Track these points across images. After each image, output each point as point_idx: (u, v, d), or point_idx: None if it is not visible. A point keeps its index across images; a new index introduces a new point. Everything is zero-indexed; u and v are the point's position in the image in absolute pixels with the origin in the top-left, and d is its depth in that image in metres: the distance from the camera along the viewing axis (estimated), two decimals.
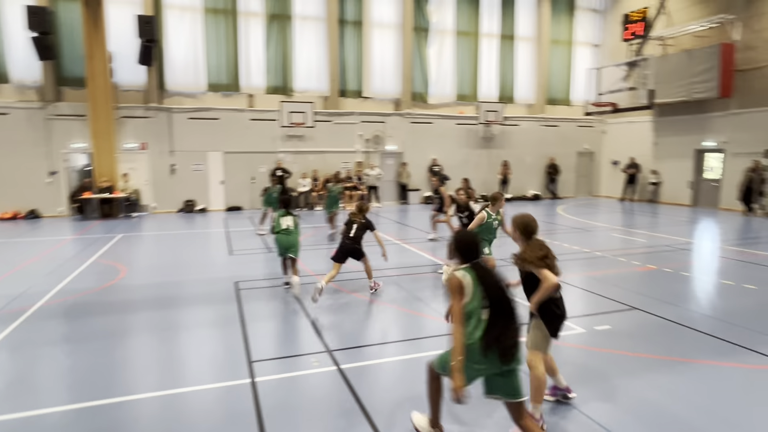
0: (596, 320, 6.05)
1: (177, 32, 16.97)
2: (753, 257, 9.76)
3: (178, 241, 12.05)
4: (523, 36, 21.58)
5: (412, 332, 5.68)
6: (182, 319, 6.31)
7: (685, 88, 18.08)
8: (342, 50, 18.96)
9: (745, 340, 5.34)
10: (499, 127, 21.13)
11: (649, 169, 20.42)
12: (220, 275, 8.41)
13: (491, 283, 3.10)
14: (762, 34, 16.45)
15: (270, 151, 18.33)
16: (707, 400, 4.09)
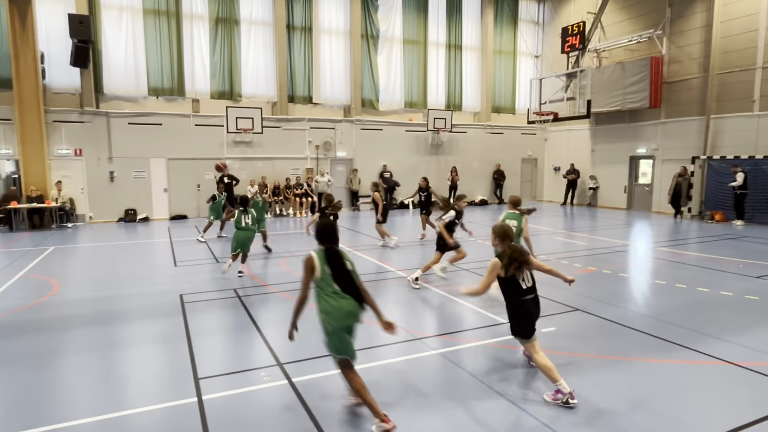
0: (541, 323, 6.22)
1: (115, 33, 16.21)
2: (682, 257, 10.44)
3: (117, 252, 11.44)
4: (469, 46, 22.19)
5: (364, 341, 5.65)
6: (122, 336, 5.97)
7: (620, 98, 19.19)
8: (290, 56, 18.76)
9: (678, 337, 5.69)
10: (448, 134, 21.57)
11: (588, 175, 21.48)
12: (164, 288, 8.05)
13: (336, 263, 3.87)
14: (685, 49, 17.74)
15: (216, 157, 17.79)
16: (646, 397, 4.31)
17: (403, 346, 5.49)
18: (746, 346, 5.42)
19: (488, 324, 6.20)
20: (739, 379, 4.66)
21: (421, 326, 6.25)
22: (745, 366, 4.89)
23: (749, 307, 6.91)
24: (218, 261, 10.20)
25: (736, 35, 16.15)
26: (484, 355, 5.26)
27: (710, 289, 7.79)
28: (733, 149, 16.35)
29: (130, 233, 14.40)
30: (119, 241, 13.00)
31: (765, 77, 15.54)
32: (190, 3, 17.13)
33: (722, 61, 16.56)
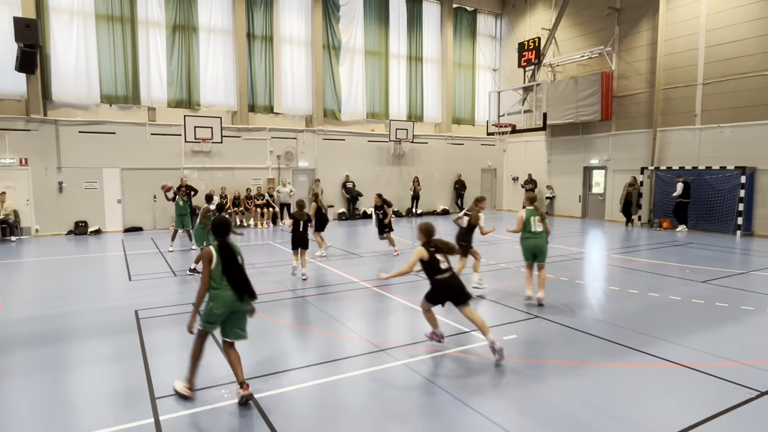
0: (504, 330, 6.37)
1: (65, 38, 15.57)
2: (634, 264, 10.90)
3: (66, 267, 10.90)
4: (430, 58, 22.59)
5: (329, 354, 5.59)
6: (71, 356, 5.67)
7: (573, 111, 19.97)
8: (251, 65, 18.54)
9: (632, 341, 5.92)
10: (409, 145, 21.80)
11: (545, 185, 22.17)
12: (118, 304, 7.72)
13: (227, 255, 4.40)
14: (633, 65, 18.68)
15: (174, 167, 17.32)
16: (602, 400, 4.45)
17: (367, 358, 5.46)
18: (694, 348, 5.69)
19: (452, 333, 6.26)
20: (689, 380, 4.88)
21: (385, 337, 6.24)
22: (693, 367, 5.14)
23: (696, 310, 7.27)
24: (176, 274, 9.88)
25: (678, 53, 17.14)
26: (449, 365, 5.29)
27: (660, 294, 8.15)
28: (678, 160, 17.29)
29: (80, 246, 13.76)
30: (68, 255, 12.39)
31: (705, 93, 16.54)
32: (146, 9, 16.68)
33: (666, 77, 17.53)
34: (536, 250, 7.59)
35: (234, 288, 4.38)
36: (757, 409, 4.28)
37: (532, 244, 7.60)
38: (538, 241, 7.56)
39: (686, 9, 16.85)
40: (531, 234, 7.59)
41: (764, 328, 6.49)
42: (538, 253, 7.60)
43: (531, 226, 7.58)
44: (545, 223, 7.68)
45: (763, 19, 14.98)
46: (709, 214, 16.15)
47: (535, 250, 7.59)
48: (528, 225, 7.60)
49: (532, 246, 7.60)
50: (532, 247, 7.61)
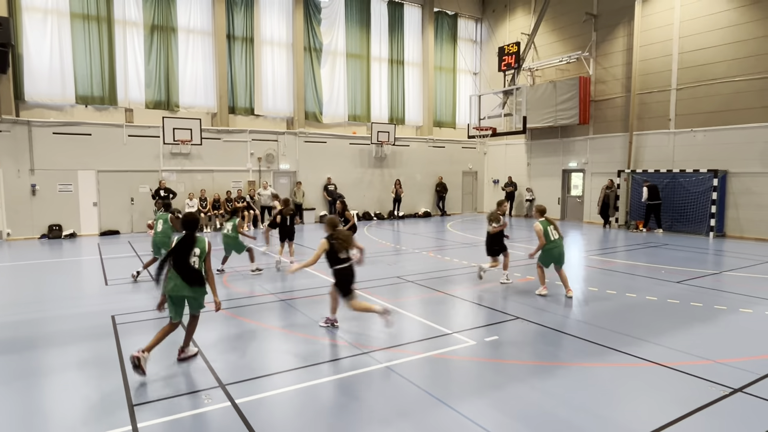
0: (486, 332, 6.42)
1: (39, 37, 15.20)
2: (612, 265, 11.10)
3: (40, 271, 10.61)
4: (411, 61, 22.70)
5: (311, 358, 5.55)
6: (45, 363, 5.51)
7: (552, 114, 20.28)
8: (231, 66, 18.37)
9: (611, 341, 6.02)
10: (391, 147, 21.85)
11: (525, 187, 22.45)
12: (94, 309, 7.54)
13: (183, 247, 5.22)
14: (610, 71, 19.07)
15: (152, 169, 17.04)
16: (583, 400, 4.52)
17: (349, 361, 5.44)
18: (670, 347, 5.82)
19: (434, 335, 6.28)
20: (666, 378, 4.99)
21: (366, 339, 6.23)
22: (670, 366, 5.25)
23: (672, 310, 7.44)
24: (153, 278, 9.69)
25: (653, 59, 17.57)
26: (430, 367, 5.31)
27: (637, 295, 8.32)
28: (653, 163, 17.69)
29: (54, 251, 13.41)
30: (42, 260, 12.07)
31: (679, 98, 16.97)
32: (123, 8, 16.39)
33: (642, 82, 17.94)
34: (561, 257, 8.25)
35: (182, 275, 5.19)
36: (731, 405, 4.39)
37: (557, 253, 8.21)
38: (561, 249, 8.24)
39: (660, 16, 17.28)
40: (553, 243, 8.16)
41: (737, 327, 6.67)
42: (561, 259, 8.27)
43: (550, 235, 8.14)
44: (558, 230, 8.33)
45: (733, 27, 15.46)
46: (683, 215, 16.56)
47: (560, 257, 8.24)
48: (547, 236, 8.12)
49: (557, 255, 8.22)
50: (557, 255, 8.22)
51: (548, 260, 8.28)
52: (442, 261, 11.52)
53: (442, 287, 8.91)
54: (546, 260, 8.30)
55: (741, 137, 15.50)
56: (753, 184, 15.32)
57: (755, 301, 7.95)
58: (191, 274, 5.20)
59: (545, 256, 8.27)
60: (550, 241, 8.14)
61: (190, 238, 5.27)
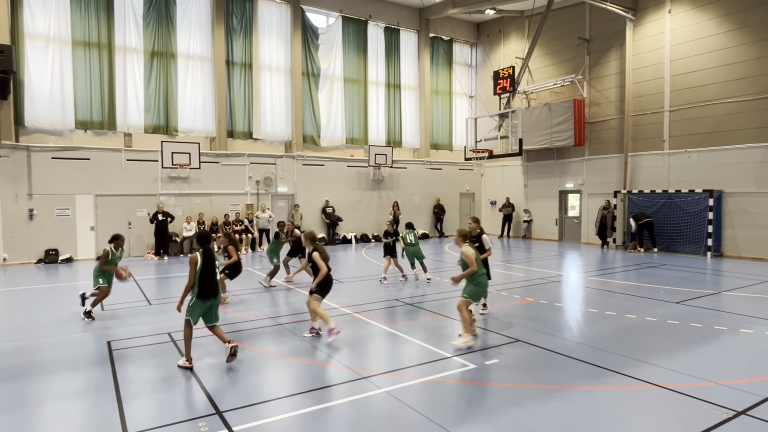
0: (486, 355, 6.37)
1: (40, 64, 15.40)
2: (610, 286, 11.08)
3: (35, 297, 10.52)
4: (407, 85, 23.03)
5: (309, 383, 5.49)
6: (40, 392, 5.42)
7: (547, 137, 20.50)
8: (230, 91, 18.59)
9: (611, 363, 5.97)
10: (389, 170, 21.98)
11: (522, 209, 22.53)
12: (89, 335, 7.47)
13: (206, 260, 5.99)
14: (603, 93, 19.37)
15: (150, 193, 17.07)
16: (583, 424, 4.46)
17: (348, 386, 5.38)
18: (671, 368, 5.78)
19: (433, 359, 6.22)
20: (667, 401, 4.93)
21: (366, 364, 6.17)
22: (671, 388, 5.20)
23: (672, 331, 7.41)
24: (150, 303, 9.63)
25: (645, 81, 17.87)
26: (431, 391, 5.25)
27: (636, 316, 8.29)
28: (649, 184, 17.82)
29: (50, 275, 13.33)
30: (38, 285, 11.98)
31: (672, 119, 17.21)
32: (124, 35, 16.67)
33: (635, 104, 18.21)
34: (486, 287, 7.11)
35: (209, 287, 5.97)
36: (734, 429, 4.34)
37: (486, 282, 7.09)
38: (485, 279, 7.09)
39: (651, 40, 17.66)
40: (483, 272, 6.96)
41: (737, 348, 6.64)
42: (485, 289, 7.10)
43: (480, 263, 6.89)
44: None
45: (723, 50, 15.79)
46: (681, 236, 16.61)
47: (486, 287, 7.10)
48: (479, 263, 6.85)
49: (486, 284, 7.07)
50: (486, 284, 7.06)
51: (482, 292, 7.01)
52: (441, 283, 11.48)
53: (441, 310, 8.87)
54: (481, 293, 6.99)
55: (735, 158, 15.67)
56: (748, 204, 15.42)
57: (755, 321, 7.92)
58: (218, 286, 6.08)
59: (479, 287, 6.88)
60: (481, 268, 6.90)
61: (211, 252, 6.08)
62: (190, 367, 5.86)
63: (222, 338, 6.03)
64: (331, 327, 6.83)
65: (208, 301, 5.98)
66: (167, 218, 16.47)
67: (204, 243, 6.14)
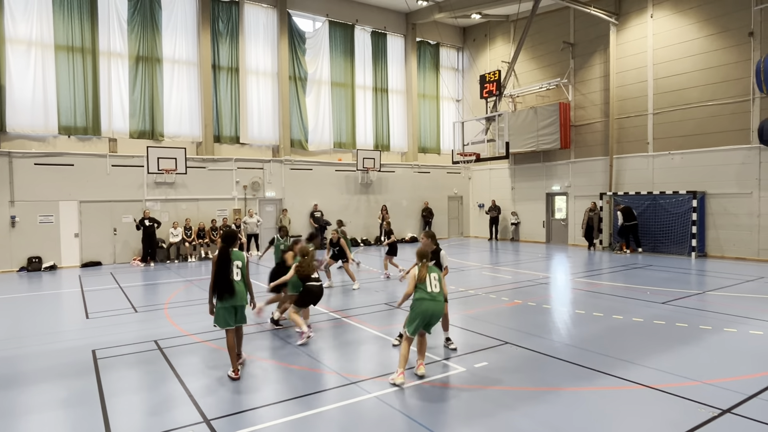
0: (475, 358, 6.38)
1: (22, 69, 15.16)
2: (598, 287, 11.18)
3: (16, 306, 10.32)
4: (395, 89, 23.10)
5: (298, 389, 5.45)
6: (22, 403, 5.30)
7: (534, 140, 20.68)
8: (216, 95, 18.48)
9: (599, 364, 6.02)
10: (377, 174, 21.99)
11: (510, 211, 22.67)
12: (73, 344, 7.34)
13: (220, 259, 5.77)
14: (588, 96, 19.61)
15: (136, 199, 16.88)
16: (573, 426, 4.48)
17: (338, 392, 5.35)
18: (658, 368, 5.84)
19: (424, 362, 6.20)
20: (654, 401, 4.98)
21: (355, 369, 6.14)
22: (658, 388, 5.26)
23: (658, 331, 7.49)
24: (136, 310, 9.50)
25: (629, 85, 18.13)
26: (420, 395, 5.24)
27: (623, 316, 8.37)
28: (634, 186, 18.06)
29: (33, 284, 13.09)
30: (20, 293, 11.75)
31: (656, 122, 17.47)
32: (108, 40, 16.49)
33: (619, 107, 18.46)
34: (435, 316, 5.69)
35: (226, 289, 5.75)
36: (720, 427, 4.40)
37: (426, 309, 5.59)
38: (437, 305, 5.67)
39: (634, 44, 17.93)
40: (429, 295, 5.63)
41: (722, 347, 6.73)
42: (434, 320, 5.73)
43: (427, 285, 5.66)
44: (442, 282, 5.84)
45: (704, 54, 16.08)
46: (666, 236, 16.83)
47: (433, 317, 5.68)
48: (426, 285, 5.66)
49: (425, 310, 5.59)
50: (424, 311, 5.59)
51: (412, 319, 5.64)
52: None
53: None
54: (410, 319, 5.67)
55: (717, 159, 15.94)
56: (730, 204, 15.69)
57: (739, 320, 8.05)
58: (233, 285, 5.76)
59: (411, 313, 5.68)
60: (426, 292, 5.62)
61: (228, 252, 5.81)
62: (238, 377, 5.69)
63: (237, 346, 5.94)
64: (302, 330, 7.01)
65: (227, 302, 5.74)
66: (153, 224, 16.29)
67: (225, 242, 5.88)
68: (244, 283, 5.89)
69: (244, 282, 5.89)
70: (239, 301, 5.80)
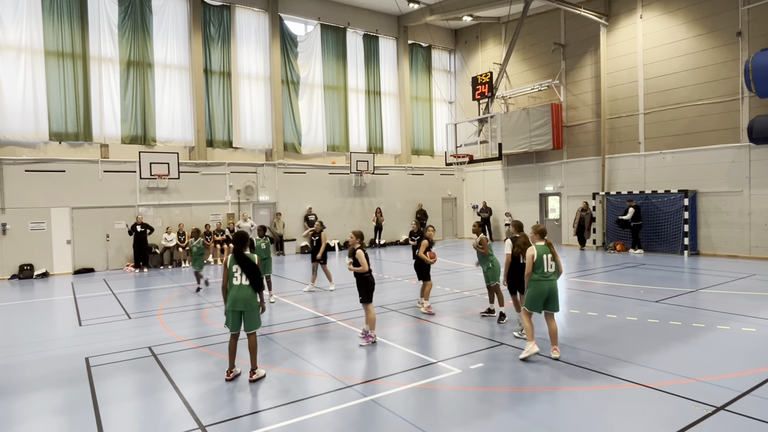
0: (471, 359, 6.38)
1: (11, 75, 15.05)
2: (591, 287, 11.23)
3: (10, 314, 10.22)
4: (387, 92, 23.13)
5: (293, 394, 5.42)
6: (14, 413, 5.25)
7: (526, 141, 20.77)
8: (209, 100, 18.43)
9: (594, 364, 6.04)
10: (370, 176, 22.00)
11: (503, 212, 22.73)
12: (66, 351, 7.27)
13: (243, 261, 5.78)
14: (580, 97, 19.73)
15: (129, 205, 16.78)
16: (569, 426, 4.49)
17: (333, 396, 5.33)
18: (652, 367, 5.87)
19: (419, 365, 6.21)
20: (649, 399, 5.01)
21: (350, 373, 6.13)
22: (652, 387, 5.28)
23: (652, 330, 7.53)
24: (130, 317, 9.44)
25: (620, 85, 18.26)
26: (416, 398, 5.24)
27: (618, 315, 8.41)
28: (626, 185, 18.17)
29: (25, 291, 12.97)
30: (11, 301, 11.64)
31: (647, 122, 17.60)
32: (99, 45, 16.41)
33: (611, 107, 18.58)
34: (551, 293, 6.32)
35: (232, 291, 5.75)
36: (714, 424, 4.42)
37: (547, 288, 6.26)
38: (552, 284, 6.33)
39: (624, 45, 18.07)
40: (543, 276, 6.29)
41: (715, 344, 6.78)
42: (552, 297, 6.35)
43: (544, 266, 6.31)
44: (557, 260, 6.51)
45: (693, 54, 16.24)
46: (658, 235, 16.94)
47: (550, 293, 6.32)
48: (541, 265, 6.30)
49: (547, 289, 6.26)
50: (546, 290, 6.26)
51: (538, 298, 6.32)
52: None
53: (425, 315, 8.87)
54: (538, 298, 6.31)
55: (707, 158, 16.08)
56: (721, 203, 15.82)
57: (731, 317, 8.11)
58: (234, 290, 5.72)
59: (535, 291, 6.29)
60: (542, 272, 6.32)
61: (240, 254, 5.79)
62: (229, 379, 5.76)
63: (251, 358, 5.82)
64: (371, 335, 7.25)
65: (229, 306, 5.74)
66: (146, 230, 16.20)
67: (235, 244, 5.87)
68: (254, 288, 5.77)
69: (253, 286, 5.76)
70: (238, 307, 5.71)
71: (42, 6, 15.39)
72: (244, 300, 5.71)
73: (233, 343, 5.87)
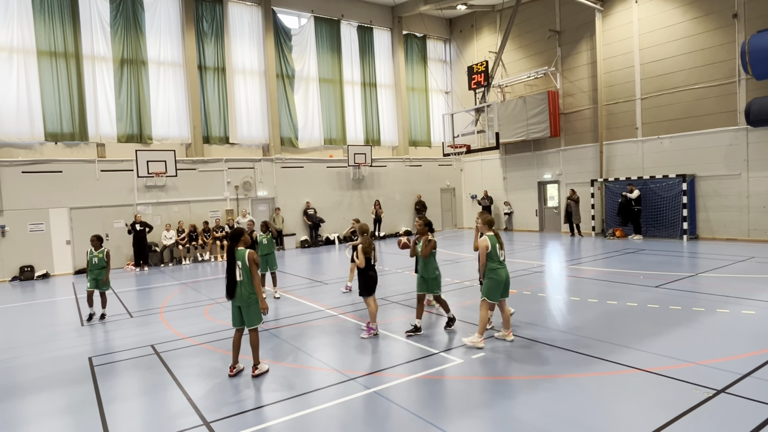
0: (471, 349, 6.41)
1: (4, 76, 14.94)
2: (592, 273, 11.26)
3: (10, 315, 10.24)
4: (383, 83, 23.02)
5: (296, 388, 5.45)
6: (18, 414, 5.28)
7: (524, 129, 20.72)
8: (204, 96, 18.33)
9: (595, 350, 6.07)
10: (368, 169, 21.96)
11: (503, 201, 22.74)
12: (69, 351, 7.30)
13: (228, 259, 5.83)
14: (576, 84, 19.65)
15: (127, 203, 16.76)
16: (571, 412, 4.53)
17: (336, 389, 5.36)
18: (653, 352, 5.90)
19: (420, 356, 6.24)
20: (650, 384, 5.04)
21: (353, 365, 6.16)
22: (653, 371, 5.31)
23: (652, 315, 7.56)
24: (132, 315, 9.46)
25: (617, 71, 18.19)
26: (419, 389, 5.26)
27: (618, 302, 8.44)
28: (624, 171, 18.15)
29: (26, 293, 12.99)
30: (13, 303, 11.66)
31: (644, 107, 17.55)
32: (91, 44, 16.29)
33: (608, 93, 18.52)
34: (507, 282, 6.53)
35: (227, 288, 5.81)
36: (714, 407, 4.46)
37: (505, 275, 6.46)
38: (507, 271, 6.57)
39: (620, 30, 17.97)
40: (500, 264, 6.46)
41: (715, 328, 6.81)
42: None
43: (498, 254, 6.43)
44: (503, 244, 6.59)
45: (689, 38, 16.15)
46: (657, 220, 16.96)
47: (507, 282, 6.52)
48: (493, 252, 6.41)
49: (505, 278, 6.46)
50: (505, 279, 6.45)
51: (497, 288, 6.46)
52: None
53: (426, 306, 8.88)
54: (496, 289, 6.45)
55: (705, 142, 16.06)
56: (719, 186, 15.82)
57: (731, 300, 8.14)
58: (236, 286, 5.77)
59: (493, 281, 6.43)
60: (497, 261, 6.45)
61: (231, 251, 5.81)
62: (232, 375, 5.82)
63: (254, 354, 5.87)
64: (372, 327, 7.25)
65: (232, 302, 5.85)
66: (145, 228, 16.20)
67: (230, 240, 5.90)
68: (250, 283, 5.78)
69: (250, 282, 5.77)
70: (237, 302, 5.81)
71: (32, 5, 15.25)
72: (241, 295, 5.78)
73: (237, 338, 5.94)
